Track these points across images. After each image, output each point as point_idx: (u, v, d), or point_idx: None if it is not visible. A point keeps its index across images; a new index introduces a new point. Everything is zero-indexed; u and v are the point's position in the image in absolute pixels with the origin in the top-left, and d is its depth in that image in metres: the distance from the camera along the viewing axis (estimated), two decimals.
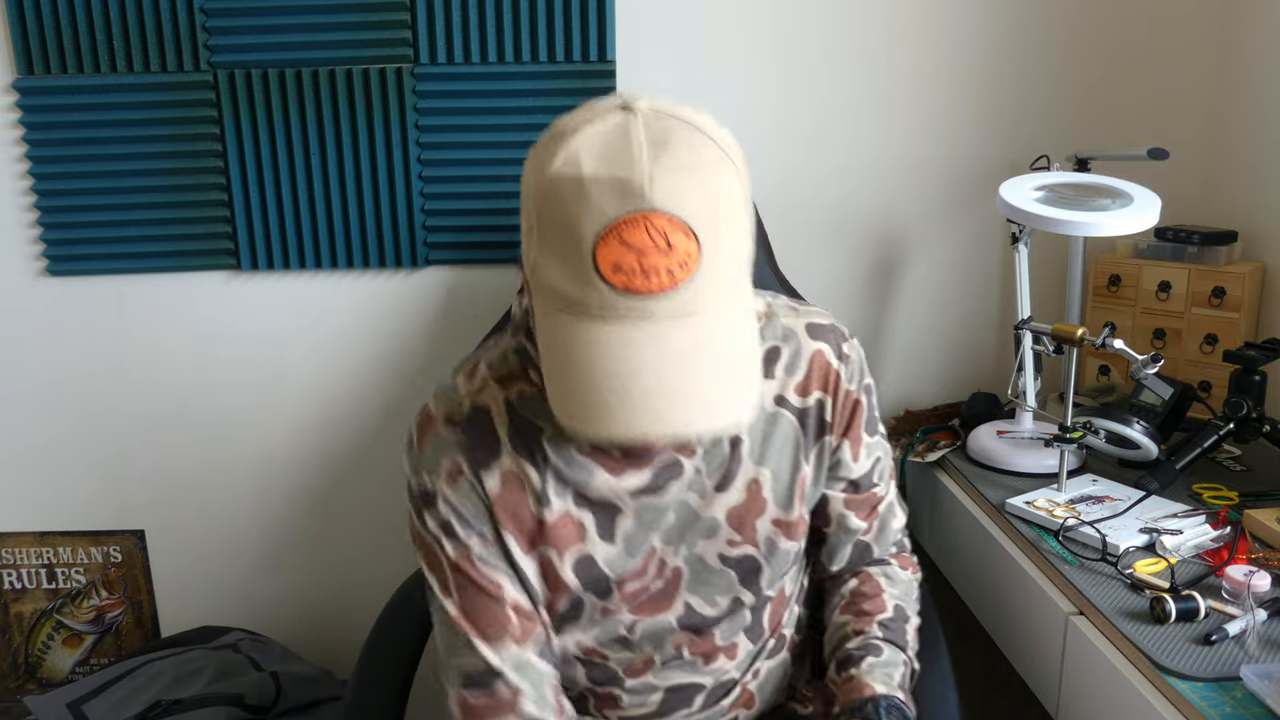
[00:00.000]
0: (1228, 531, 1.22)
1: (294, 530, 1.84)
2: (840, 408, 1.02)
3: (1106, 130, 1.70)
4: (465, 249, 1.71)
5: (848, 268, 1.76)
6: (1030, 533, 1.27)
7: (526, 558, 0.96)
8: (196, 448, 1.80)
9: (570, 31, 1.62)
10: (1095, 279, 1.68)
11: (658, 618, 1.01)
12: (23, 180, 1.67)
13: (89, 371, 1.76)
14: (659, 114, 0.79)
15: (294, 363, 1.77)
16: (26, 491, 1.81)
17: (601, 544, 0.96)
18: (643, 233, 0.73)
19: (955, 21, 1.66)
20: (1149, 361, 1.25)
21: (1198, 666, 0.98)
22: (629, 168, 0.74)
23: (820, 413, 1.02)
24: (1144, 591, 1.11)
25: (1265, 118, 1.59)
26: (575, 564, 0.96)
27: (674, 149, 0.76)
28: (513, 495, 0.94)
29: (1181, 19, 1.67)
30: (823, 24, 1.65)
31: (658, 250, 0.73)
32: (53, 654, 1.88)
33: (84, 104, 1.63)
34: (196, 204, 1.68)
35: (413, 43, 1.62)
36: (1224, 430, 1.34)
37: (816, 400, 1.01)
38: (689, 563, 1.00)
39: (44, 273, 1.72)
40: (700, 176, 0.76)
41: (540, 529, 0.95)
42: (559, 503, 0.94)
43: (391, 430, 1.80)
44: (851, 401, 1.03)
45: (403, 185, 1.67)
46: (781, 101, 1.68)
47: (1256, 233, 1.60)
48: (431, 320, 1.75)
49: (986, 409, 1.61)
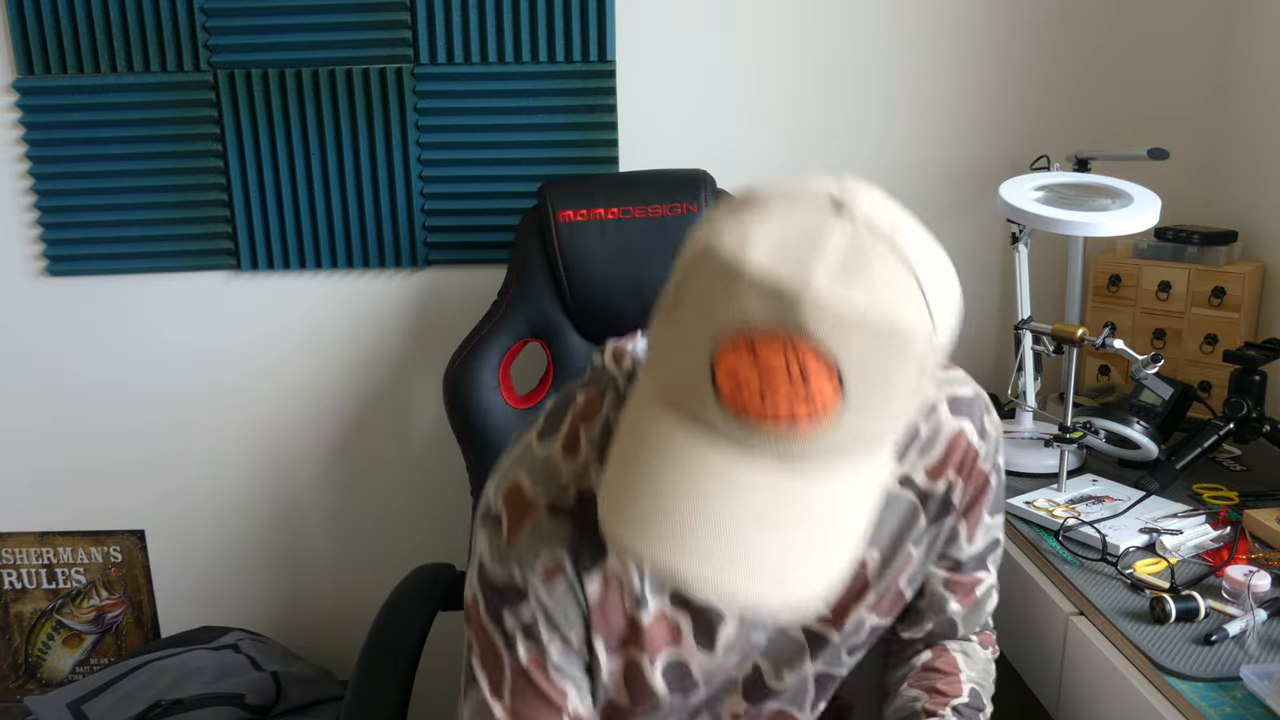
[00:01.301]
0: (1228, 531, 1.22)
1: (294, 530, 1.84)
2: (971, 489, 0.92)
3: (1106, 130, 1.70)
4: (465, 249, 1.71)
5: None
6: (1030, 533, 1.27)
7: (612, 659, 0.84)
8: (196, 448, 1.80)
9: (570, 31, 1.62)
10: (1095, 279, 1.68)
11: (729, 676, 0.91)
12: (23, 180, 1.67)
13: (89, 371, 1.76)
14: (874, 232, 0.62)
15: (294, 362, 1.77)
16: (26, 491, 1.81)
17: (698, 651, 0.85)
18: (779, 355, 0.60)
19: (955, 22, 1.66)
20: (1149, 361, 1.25)
21: (1198, 666, 0.98)
22: (798, 273, 0.60)
23: (948, 495, 0.90)
24: (1144, 591, 1.11)
25: (1265, 118, 1.59)
26: (665, 668, 0.85)
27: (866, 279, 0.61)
28: (611, 599, 0.82)
29: (1182, 19, 1.67)
30: (823, 24, 1.65)
31: (789, 383, 0.60)
32: (53, 654, 1.88)
33: (84, 104, 1.63)
34: (196, 204, 1.68)
35: (413, 43, 1.62)
36: (1224, 430, 1.34)
37: (947, 483, 0.90)
38: (768, 631, 0.90)
39: (44, 273, 1.72)
40: (881, 328, 0.60)
41: (632, 631, 0.83)
42: (654, 602, 0.83)
43: (392, 430, 1.80)
44: (983, 480, 0.92)
45: (403, 185, 1.67)
46: (781, 102, 1.68)
47: (1256, 233, 1.60)
48: (431, 320, 1.75)
49: None
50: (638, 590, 0.82)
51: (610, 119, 1.65)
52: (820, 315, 0.59)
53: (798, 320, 0.59)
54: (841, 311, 0.59)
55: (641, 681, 0.85)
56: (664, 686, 0.85)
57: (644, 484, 0.63)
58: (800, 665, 0.92)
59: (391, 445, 1.81)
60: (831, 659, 0.94)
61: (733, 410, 0.62)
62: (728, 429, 0.62)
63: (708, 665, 0.86)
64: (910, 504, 0.89)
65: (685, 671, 0.85)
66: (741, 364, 0.61)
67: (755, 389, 0.61)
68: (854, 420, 0.62)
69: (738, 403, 0.61)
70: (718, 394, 0.62)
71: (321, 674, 1.65)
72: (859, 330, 0.60)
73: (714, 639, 0.85)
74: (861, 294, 0.60)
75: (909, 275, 0.62)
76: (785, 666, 0.91)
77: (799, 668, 0.91)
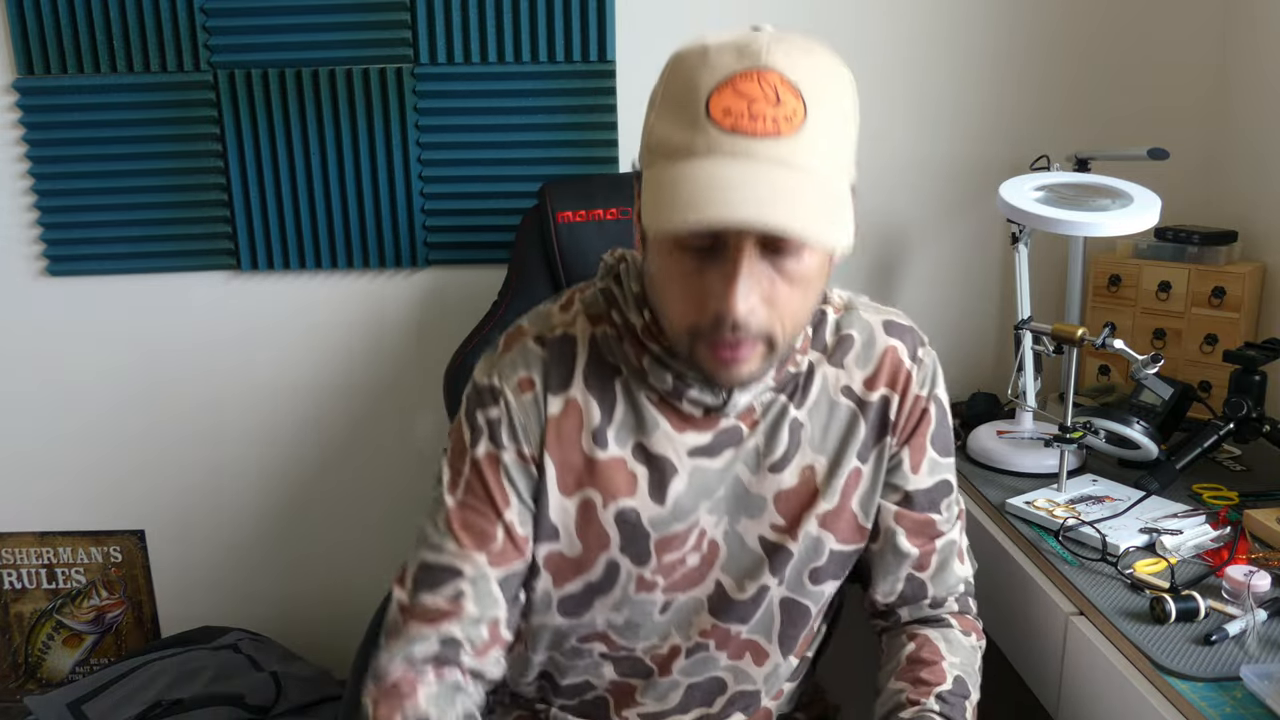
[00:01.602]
0: (1228, 531, 1.22)
1: (294, 530, 1.84)
2: (907, 411, 1.01)
3: (1106, 130, 1.70)
4: (465, 249, 1.71)
5: (848, 267, 1.75)
6: (1030, 533, 1.27)
7: (567, 500, 0.96)
8: (196, 448, 1.80)
9: (570, 31, 1.62)
10: (1095, 279, 1.68)
11: (691, 594, 0.99)
12: (23, 180, 1.67)
13: (89, 371, 1.76)
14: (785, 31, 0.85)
15: (294, 363, 1.77)
16: (26, 491, 1.81)
17: (651, 503, 0.96)
18: (755, 84, 0.79)
19: (955, 22, 1.66)
20: (1149, 361, 1.25)
21: (1198, 666, 0.98)
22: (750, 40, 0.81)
23: (884, 410, 1.00)
24: (1144, 591, 1.11)
25: (1265, 118, 1.59)
26: (618, 514, 0.96)
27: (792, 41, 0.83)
28: (570, 425, 0.95)
29: (1182, 19, 1.67)
30: (822, 24, 1.65)
31: (767, 101, 0.78)
32: (53, 654, 1.88)
33: (84, 104, 1.63)
34: (196, 204, 1.68)
35: (413, 43, 1.62)
36: (1224, 430, 1.34)
37: (882, 397, 1.00)
38: (727, 540, 0.99)
39: (44, 273, 1.72)
40: (815, 60, 0.82)
41: (589, 469, 0.95)
42: (616, 449, 0.95)
43: (393, 429, 1.80)
44: (920, 408, 1.01)
45: (403, 185, 1.67)
46: None
47: (1256, 233, 1.60)
48: (431, 320, 1.75)
49: (986, 409, 1.61)
50: (597, 426, 0.95)
51: (610, 119, 1.65)
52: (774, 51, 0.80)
53: (762, 59, 0.79)
54: (790, 46, 0.81)
55: (595, 523, 0.96)
56: (615, 531, 0.95)
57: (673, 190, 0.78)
58: (760, 576, 0.99)
59: (391, 445, 1.81)
60: (794, 582, 1.00)
61: (732, 131, 0.78)
62: (730, 147, 0.78)
63: (658, 518, 0.96)
64: (850, 411, 0.99)
65: (636, 519, 0.95)
66: (729, 99, 0.78)
67: (744, 111, 0.78)
68: (817, 128, 0.80)
69: (736, 125, 0.78)
70: (718, 125, 0.78)
71: (321, 674, 1.65)
72: (806, 57, 0.81)
73: (665, 493, 0.95)
74: (798, 40, 0.82)
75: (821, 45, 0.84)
76: (747, 578, 0.99)
77: (759, 578, 0.99)
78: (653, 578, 0.98)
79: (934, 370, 1.02)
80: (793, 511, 0.99)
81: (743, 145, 0.78)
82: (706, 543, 0.99)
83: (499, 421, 0.95)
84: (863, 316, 1.02)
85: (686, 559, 0.99)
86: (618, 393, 0.96)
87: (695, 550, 0.99)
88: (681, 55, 0.83)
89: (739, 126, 0.78)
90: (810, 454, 0.99)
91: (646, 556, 0.97)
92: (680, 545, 0.98)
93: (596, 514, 0.96)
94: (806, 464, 0.98)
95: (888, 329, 1.01)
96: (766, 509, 0.99)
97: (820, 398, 0.99)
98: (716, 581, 1.00)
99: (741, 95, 0.78)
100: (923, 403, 1.01)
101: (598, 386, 0.96)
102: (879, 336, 1.01)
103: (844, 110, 0.84)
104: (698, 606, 1.00)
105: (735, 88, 0.79)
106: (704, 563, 0.99)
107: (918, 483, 1.02)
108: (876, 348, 1.00)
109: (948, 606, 1.07)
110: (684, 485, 0.96)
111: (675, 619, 1.00)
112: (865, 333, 1.01)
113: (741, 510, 0.99)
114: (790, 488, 0.98)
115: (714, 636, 1.01)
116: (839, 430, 0.99)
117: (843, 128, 0.84)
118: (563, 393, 0.95)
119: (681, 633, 1.01)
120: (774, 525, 0.99)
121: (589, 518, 0.96)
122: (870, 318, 1.02)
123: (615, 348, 0.96)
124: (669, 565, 0.98)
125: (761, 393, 0.96)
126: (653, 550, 0.97)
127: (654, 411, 0.95)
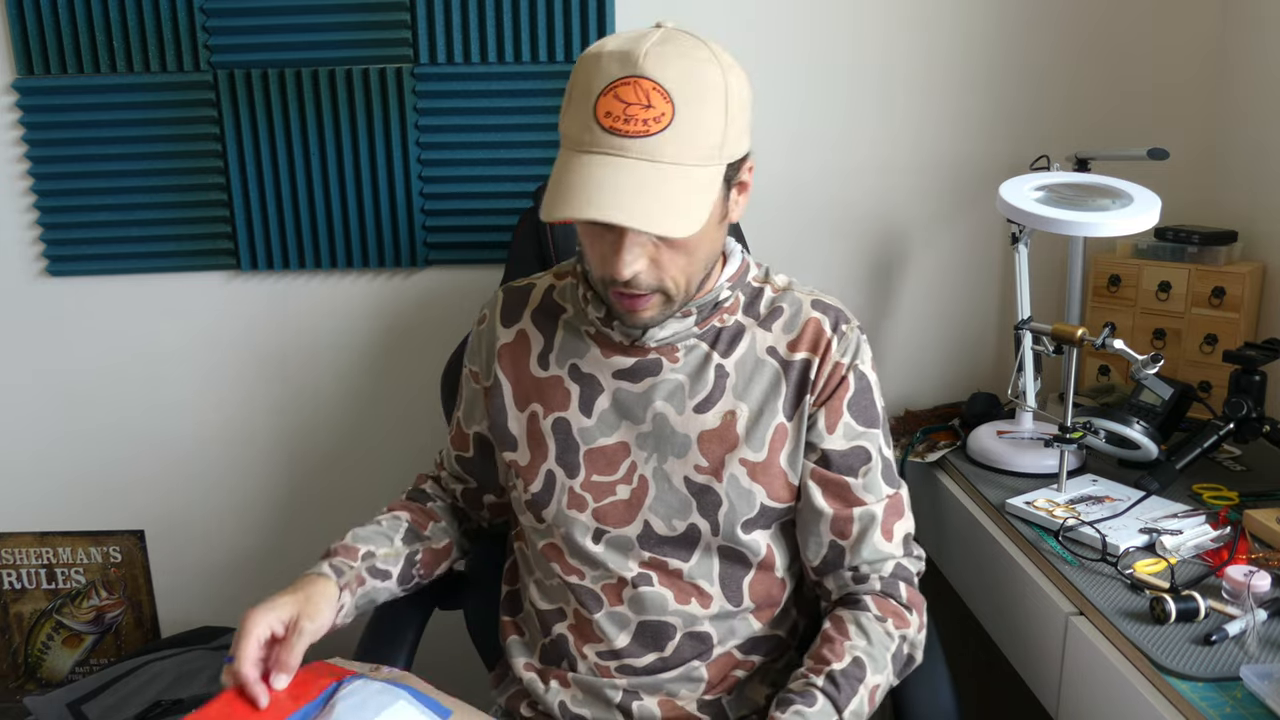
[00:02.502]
0: (1228, 531, 1.22)
1: (294, 530, 1.85)
2: (826, 374, 1.10)
3: (1106, 130, 1.70)
4: (465, 249, 1.71)
5: (848, 267, 1.76)
6: (1030, 533, 1.27)
7: (520, 414, 1.16)
8: (196, 448, 1.80)
9: (570, 31, 1.62)
10: (1095, 279, 1.68)
11: (621, 531, 1.11)
12: (23, 180, 1.68)
13: (88, 371, 1.76)
14: (679, 30, 0.99)
15: (294, 363, 1.77)
16: (26, 491, 1.81)
17: (580, 415, 1.12)
18: (631, 90, 0.94)
19: (955, 22, 1.66)
20: (1149, 361, 1.25)
21: (1198, 666, 0.98)
22: (634, 46, 0.96)
23: (805, 371, 1.10)
24: (1144, 591, 1.11)
25: (1265, 118, 1.59)
26: (554, 423, 1.13)
27: (675, 43, 0.97)
28: (517, 350, 1.17)
29: (1181, 19, 1.67)
30: (823, 25, 1.65)
31: (640, 105, 0.94)
32: (53, 654, 1.88)
33: (84, 104, 1.63)
34: (196, 204, 1.68)
35: (413, 43, 1.62)
36: (1224, 430, 1.34)
37: (803, 359, 1.11)
38: (655, 478, 1.10)
39: (44, 273, 1.72)
40: (687, 64, 0.96)
41: (535, 386, 1.15)
42: (556, 369, 1.14)
43: (392, 429, 1.80)
44: (839, 375, 1.10)
45: (403, 185, 1.67)
46: (781, 102, 1.68)
47: (1256, 233, 1.60)
48: (431, 320, 1.75)
49: (986, 409, 1.61)
50: (540, 350, 1.15)
51: None
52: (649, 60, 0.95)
53: (637, 67, 0.94)
54: (662, 56, 0.95)
55: (536, 431, 1.14)
56: (552, 440, 1.13)
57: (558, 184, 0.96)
58: (688, 515, 1.10)
59: (391, 445, 1.81)
60: (728, 532, 1.09)
61: (610, 131, 0.94)
62: (607, 144, 0.95)
63: (586, 429, 1.12)
64: (775, 370, 1.11)
65: (568, 428, 1.13)
66: (610, 103, 0.95)
67: (621, 114, 0.94)
68: (684, 126, 0.95)
69: (611, 126, 0.94)
70: (600, 125, 0.95)
71: None
72: (674, 64, 0.95)
73: (592, 408, 1.12)
74: (673, 48, 0.96)
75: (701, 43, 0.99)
76: (675, 517, 1.10)
77: (688, 517, 1.10)
78: (581, 493, 1.11)
79: (857, 345, 1.13)
80: (715, 453, 1.09)
81: (618, 143, 0.94)
82: (637, 477, 1.11)
83: (470, 349, 1.22)
84: (796, 295, 1.15)
85: (616, 489, 1.11)
86: (559, 327, 1.16)
87: (625, 483, 1.11)
88: (584, 58, 0.99)
89: (615, 127, 0.94)
90: (733, 400, 1.10)
91: (576, 468, 1.12)
92: (610, 468, 1.11)
93: (539, 423, 1.14)
94: (729, 408, 1.10)
95: (814, 305, 1.14)
96: (691, 449, 1.10)
97: (747, 354, 1.11)
98: (645, 521, 1.10)
99: (620, 100, 0.94)
100: (842, 370, 1.11)
101: (544, 321, 1.17)
102: (806, 310, 1.13)
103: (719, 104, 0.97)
104: (629, 543, 1.11)
105: (616, 93, 0.95)
106: (634, 499, 1.11)
107: (832, 443, 1.10)
108: (802, 317, 1.13)
109: (869, 585, 1.10)
110: (608, 402, 1.12)
111: (608, 553, 1.11)
112: (795, 306, 1.14)
113: (669, 449, 1.10)
114: (713, 429, 1.09)
115: (654, 569, 1.11)
116: (763, 384, 1.11)
117: (716, 119, 0.97)
118: (514, 325, 1.18)
119: (620, 564, 1.11)
120: (698, 466, 1.10)
121: (534, 428, 1.14)
122: (803, 296, 1.15)
123: (569, 292, 1.17)
124: (599, 487, 1.11)
125: (684, 336, 1.10)
126: (582, 463, 1.12)
127: (588, 340, 1.13)
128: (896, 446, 1.61)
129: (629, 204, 0.93)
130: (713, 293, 1.09)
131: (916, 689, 1.12)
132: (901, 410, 1.77)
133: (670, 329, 1.09)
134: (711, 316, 1.11)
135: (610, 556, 1.11)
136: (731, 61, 1.00)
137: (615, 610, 1.12)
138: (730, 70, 0.99)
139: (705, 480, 1.09)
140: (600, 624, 1.12)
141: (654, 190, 0.94)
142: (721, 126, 0.98)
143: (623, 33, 1.01)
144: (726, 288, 1.11)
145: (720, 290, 1.10)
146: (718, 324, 1.11)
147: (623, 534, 1.11)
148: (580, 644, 1.14)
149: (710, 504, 1.09)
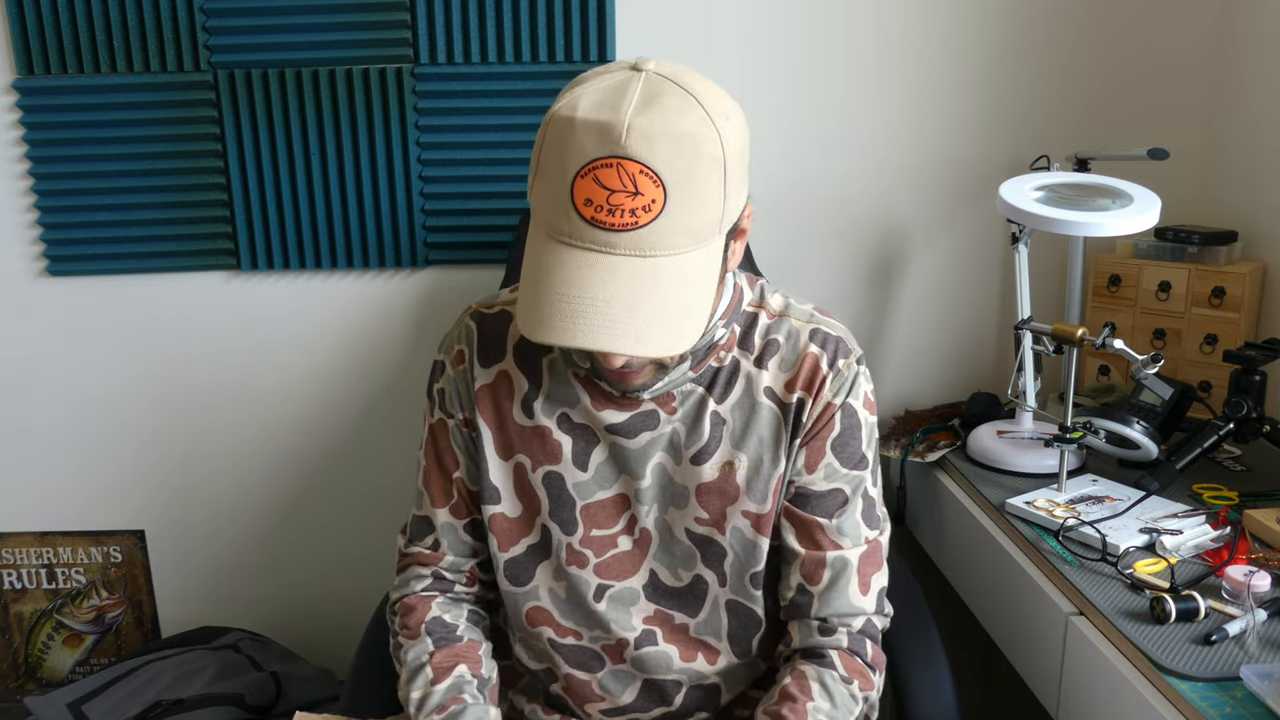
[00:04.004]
0: (1228, 531, 1.22)
1: (294, 530, 1.84)
2: (816, 414, 1.03)
3: (1106, 130, 1.70)
4: (465, 249, 1.71)
5: (848, 268, 1.76)
6: (1030, 533, 1.27)
7: (504, 464, 1.06)
8: (196, 448, 1.80)
9: (570, 31, 1.62)
10: (1095, 279, 1.68)
11: (626, 583, 1.05)
12: (23, 180, 1.67)
13: (89, 371, 1.76)
14: (661, 76, 0.87)
15: (294, 363, 1.77)
16: (26, 491, 1.81)
17: (574, 469, 1.04)
18: (615, 175, 0.82)
19: (956, 22, 1.66)
20: (1149, 361, 1.25)
21: (1198, 666, 0.98)
22: (614, 116, 0.83)
23: (800, 411, 1.03)
24: (1144, 591, 1.11)
25: (1265, 118, 1.59)
26: (545, 476, 1.05)
27: (660, 106, 0.84)
28: (499, 393, 1.05)
29: (1181, 19, 1.67)
30: (823, 25, 1.65)
31: (625, 193, 0.83)
32: (53, 654, 1.88)
33: (84, 104, 1.63)
34: (196, 204, 1.68)
35: (413, 43, 1.62)
36: (1224, 430, 1.34)
37: (799, 399, 1.03)
38: (658, 529, 1.05)
39: (44, 273, 1.72)
40: (677, 135, 0.84)
41: (520, 435, 1.05)
42: (544, 419, 1.04)
43: (392, 429, 1.80)
44: (829, 414, 1.03)
45: (403, 185, 1.67)
46: (781, 102, 1.68)
47: (1256, 233, 1.60)
48: (431, 320, 1.75)
49: (986, 409, 1.61)
50: (525, 395, 1.04)
51: None
52: (633, 137, 0.82)
53: (619, 145, 0.82)
54: (646, 131, 0.83)
55: (526, 484, 1.05)
56: (545, 494, 1.05)
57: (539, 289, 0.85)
58: (694, 566, 1.05)
59: (391, 445, 1.81)
60: (736, 585, 1.05)
61: (592, 223, 0.83)
62: (590, 238, 0.84)
63: (580, 484, 1.04)
64: (774, 414, 1.03)
65: (561, 483, 1.04)
66: (590, 189, 0.83)
67: (603, 203, 0.83)
68: (678, 211, 0.84)
69: (595, 218, 0.83)
70: (580, 215, 0.83)
71: (321, 674, 1.65)
72: (661, 141, 0.83)
73: (587, 462, 1.04)
74: (658, 116, 0.84)
75: (692, 99, 0.85)
76: (680, 567, 1.06)
77: (693, 568, 1.05)
78: (581, 549, 1.04)
79: (852, 381, 1.04)
80: (715, 505, 1.03)
81: (603, 238, 0.84)
82: (639, 529, 1.05)
83: (444, 392, 1.08)
84: (793, 323, 1.05)
85: (618, 541, 1.05)
86: (545, 368, 1.04)
87: (627, 534, 1.05)
88: (554, 120, 0.86)
89: (598, 219, 0.83)
90: (730, 449, 1.03)
91: (574, 525, 1.04)
92: (609, 521, 1.04)
93: (528, 476, 1.05)
94: (726, 459, 1.03)
95: (813, 336, 1.04)
96: (690, 501, 1.04)
97: (744, 397, 1.03)
98: (650, 570, 1.06)
99: (602, 187, 0.83)
100: (832, 410, 1.03)
101: (527, 361, 1.05)
102: (803, 342, 1.04)
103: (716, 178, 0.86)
104: (634, 596, 1.06)
105: (596, 176, 0.83)
106: (637, 549, 1.05)
107: (809, 483, 1.04)
108: (799, 353, 1.03)
109: (835, 639, 1.03)
110: (604, 455, 1.04)
111: (612, 610, 1.05)
112: (792, 339, 1.04)
113: (669, 500, 1.04)
114: (710, 481, 1.03)
115: (659, 625, 1.06)
116: (761, 430, 1.03)
117: (714, 195, 0.87)
118: (495, 365, 1.05)
119: (623, 623, 1.06)
120: (698, 519, 1.04)
121: (522, 480, 1.05)
122: (800, 325, 1.05)
123: None
124: (599, 541, 1.04)
125: (680, 383, 1.02)
126: (579, 519, 1.04)
127: (578, 387, 1.03)
128: (897, 446, 1.61)
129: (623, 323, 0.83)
130: (707, 335, 1.00)
131: (918, 690, 1.12)
132: (901, 410, 1.77)
133: (665, 379, 1.01)
134: (707, 358, 1.03)
135: (613, 613, 1.06)
136: (727, 109, 0.88)
137: (618, 669, 1.08)
138: (725, 122, 0.87)
139: (707, 532, 1.04)
140: (603, 682, 1.08)
141: (649, 295, 0.84)
142: (720, 200, 0.87)
143: (597, 80, 0.88)
144: (721, 325, 1.01)
145: (715, 330, 1.01)
146: (714, 364, 1.03)
147: (627, 586, 1.06)
148: (580, 703, 1.10)
149: (715, 555, 1.04)
